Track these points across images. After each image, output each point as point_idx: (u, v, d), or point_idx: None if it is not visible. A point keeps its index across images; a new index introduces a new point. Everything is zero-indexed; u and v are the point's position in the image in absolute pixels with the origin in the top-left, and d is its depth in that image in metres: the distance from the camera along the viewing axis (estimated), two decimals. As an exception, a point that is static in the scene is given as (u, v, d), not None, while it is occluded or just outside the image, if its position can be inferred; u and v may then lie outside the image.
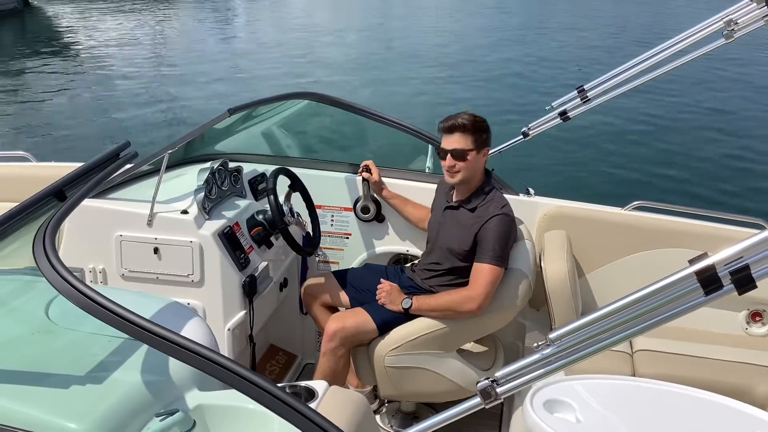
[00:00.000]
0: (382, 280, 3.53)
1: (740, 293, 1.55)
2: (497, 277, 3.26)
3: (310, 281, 3.86)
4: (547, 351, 1.76)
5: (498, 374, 1.79)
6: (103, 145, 2.75)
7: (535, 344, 1.79)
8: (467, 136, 3.37)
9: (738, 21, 3.29)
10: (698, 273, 1.56)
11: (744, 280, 1.53)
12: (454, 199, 3.54)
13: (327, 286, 3.77)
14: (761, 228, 3.55)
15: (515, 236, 3.46)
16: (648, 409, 2.50)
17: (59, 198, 2.23)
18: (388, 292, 3.43)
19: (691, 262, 1.59)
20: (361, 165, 3.99)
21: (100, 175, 2.31)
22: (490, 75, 15.97)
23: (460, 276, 3.42)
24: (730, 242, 1.58)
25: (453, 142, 3.39)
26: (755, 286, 1.55)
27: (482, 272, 3.26)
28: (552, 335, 1.75)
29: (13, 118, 13.06)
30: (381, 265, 3.94)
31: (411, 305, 3.35)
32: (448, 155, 3.40)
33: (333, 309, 3.75)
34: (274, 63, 17.75)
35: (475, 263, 3.31)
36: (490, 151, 3.51)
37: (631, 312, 1.66)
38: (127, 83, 15.62)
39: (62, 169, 2.69)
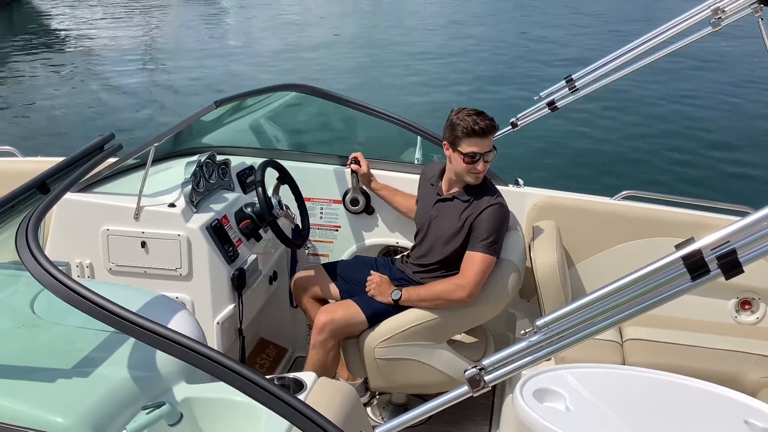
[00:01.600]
0: (371, 271, 3.52)
1: (727, 278, 1.54)
2: (489, 266, 3.25)
3: (299, 274, 3.84)
4: (535, 338, 1.76)
5: (486, 362, 1.78)
6: (90, 139, 2.73)
7: (522, 331, 1.79)
8: (492, 136, 3.32)
9: (725, 9, 3.30)
10: (685, 258, 1.56)
11: (731, 265, 1.52)
12: (447, 191, 3.50)
13: (317, 279, 3.75)
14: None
15: (507, 227, 3.45)
16: (638, 397, 2.51)
17: (42, 191, 2.22)
18: (377, 284, 3.42)
19: (678, 247, 1.58)
20: (350, 157, 3.98)
21: (84, 168, 2.30)
22: (479, 65, 15.95)
23: (452, 269, 3.40)
24: (719, 229, 1.58)
25: (488, 144, 3.29)
26: (742, 271, 1.54)
27: (474, 260, 3.24)
28: (539, 322, 1.75)
29: (-2, 112, 12.96)
30: (371, 257, 3.92)
31: (401, 296, 3.34)
32: (481, 159, 3.30)
33: (323, 301, 3.74)
34: (263, 55, 17.68)
35: (467, 251, 3.30)
36: None
37: (618, 298, 1.66)
38: (113, 76, 15.50)
39: (48, 163, 2.66)
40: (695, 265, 1.55)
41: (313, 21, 23.14)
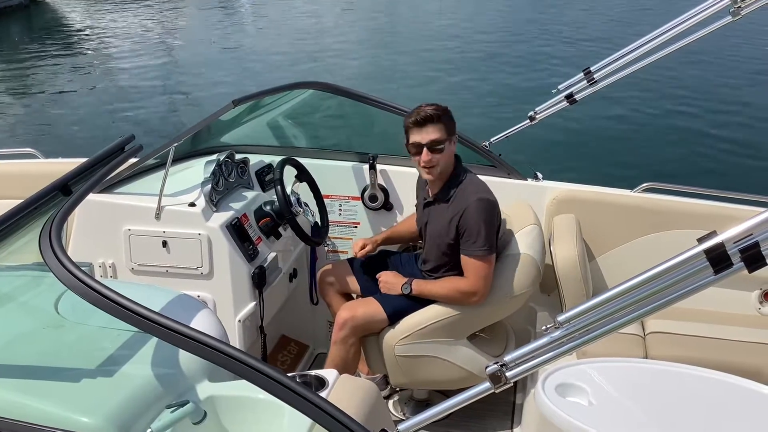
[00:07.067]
0: (381, 272, 3.52)
1: (750, 271, 1.53)
2: (489, 265, 3.22)
3: (325, 268, 3.83)
4: (556, 334, 1.75)
5: (507, 358, 1.78)
6: (110, 140, 2.76)
7: (544, 327, 1.78)
8: (440, 126, 3.24)
9: (745, -2, 3.26)
10: (707, 251, 1.55)
11: (754, 258, 1.51)
12: (431, 194, 3.45)
13: (343, 273, 3.75)
14: None
15: (499, 217, 3.37)
16: (662, 391, 2.49)
17: (64, 193, 2.24)
18: (385, 282, 3.42)
19: (700, 240, 1.57)
20: (355, 246, 3.73)
21: (105, 169, 2.32)
22: (496, 59, 15.88)
23: (455, 269, 3.37)
24: (741, 221, 1.56)
25: (429, 134, 3.22)
26: (766, 264, 1.53)
27: (472, 266, 3.22)
28: (560, 318, 1.74)
29: (19, 114, 13.08)
30: (395, 253, 3.90)
31: (411, 291, 3.34)
32: (425, 149, 3.23)
33: (348, 296, 3.75)
34: (279, 53, 17.72)
35: (462, 256, 3.26)
36: (497, 137, 3.48)
37: (640, 292, 1.65)
38: (132, 77, 15.62)
39: (69, 164, 2.69)
40: (718, 259, 1.54)
41: (330, 20, 23.15)
